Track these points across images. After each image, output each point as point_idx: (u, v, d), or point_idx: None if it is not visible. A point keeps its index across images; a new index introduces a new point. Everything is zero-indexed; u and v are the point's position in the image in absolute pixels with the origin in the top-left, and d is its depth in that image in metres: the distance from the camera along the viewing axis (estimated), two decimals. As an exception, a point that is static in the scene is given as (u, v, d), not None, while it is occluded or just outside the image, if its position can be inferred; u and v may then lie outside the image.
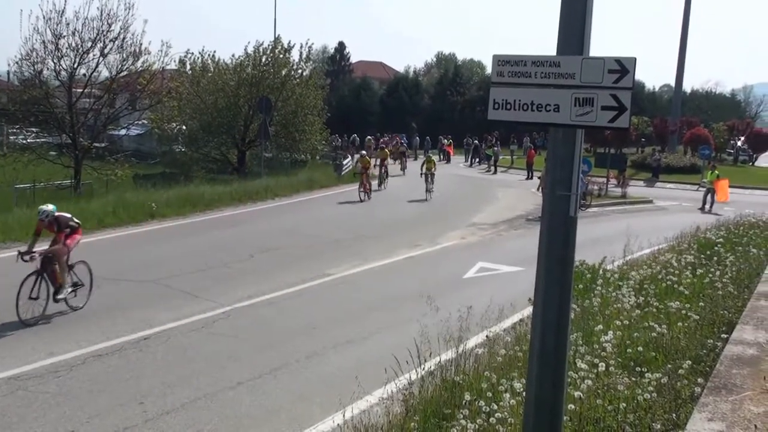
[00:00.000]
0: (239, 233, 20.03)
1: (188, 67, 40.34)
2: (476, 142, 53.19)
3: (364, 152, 36.37)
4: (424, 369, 7.78)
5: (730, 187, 32.45)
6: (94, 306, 12.03)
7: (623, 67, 4.80)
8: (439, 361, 8.09)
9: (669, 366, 7.34)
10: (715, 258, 12.97)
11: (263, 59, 39.73)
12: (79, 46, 29.00)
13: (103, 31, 29.02)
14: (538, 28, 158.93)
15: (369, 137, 56.39)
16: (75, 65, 29.48)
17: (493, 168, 46.42)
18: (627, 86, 4.80)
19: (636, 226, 18.86)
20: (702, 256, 13.30)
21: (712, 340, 8.23)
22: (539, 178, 32.00)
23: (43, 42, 28.68)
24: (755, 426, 5.42)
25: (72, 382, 8.80)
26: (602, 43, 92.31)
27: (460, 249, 19.16)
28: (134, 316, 11.54)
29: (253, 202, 26.21)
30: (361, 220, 23.18)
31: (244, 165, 39.57)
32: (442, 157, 54.28)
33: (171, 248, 17.47)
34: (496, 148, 47.61)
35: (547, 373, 5.14)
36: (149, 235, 19.15)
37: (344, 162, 39.56)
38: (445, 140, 55.11)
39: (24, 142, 32.45)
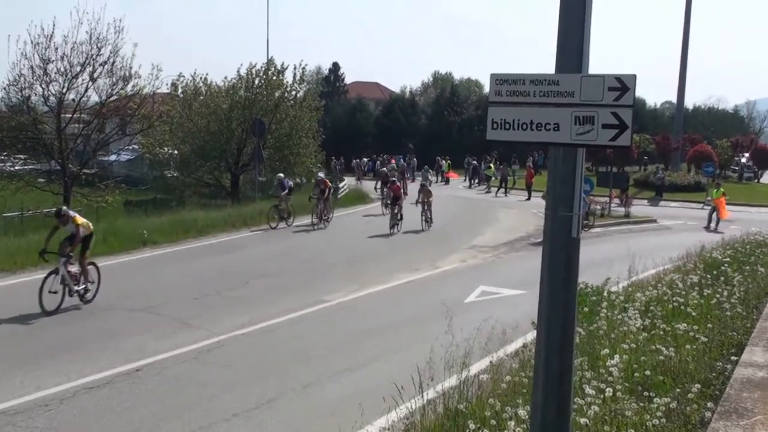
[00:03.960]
0: (233, 259, 20.00)
1: (180, 90, 40.47)
2: (474, 162, 53.28)
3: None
4: (425, 397, 7.74)
5: (735, 204, 32.51)
6: (84, 336, 11.98)
7: (623, 85, 4.82)
8: (442, 389, 8.04)
9: (678, 390, 7.31)
10: (722, 278, 12.95)
11: (256, 81, 39.88)
12: (68, 70, 29.06)
13: (92, 55, 29.09)
14: (537, 46, 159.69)
15: (364, 159, 56.57)
16: (64, 90, 29.52)
17: (500, 189, 45.52)
18: (628, 104, 4.82)
19: (640, 246, 18.87)
20: (708, 276, 13.29)
21: (721, 363, 8.20)
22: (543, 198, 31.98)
23: (31, 67, 28.74)
24: (768, 451, 5.39)
25: (62, 416, 8.73)
26: (602, 61, 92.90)
27: (460, 272, 19.13)
28: (125, 347, 11.48)
29: (248, 227, 26.19)
30: (357, 244, 23.16)
31: (237, 189, 39.60)
32: (439, 178, 54.42)
33: (163, 276, 17.43)
34: (501, 168, 47.06)
35: (552, 399, 5.11)
36: (141, 263, 19.10)
37: (340, 185, 39.58)
38: (444, 161, 55.21)
39: (12, 169, 32.41)
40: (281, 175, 28.83)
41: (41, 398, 9.24)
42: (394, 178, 30.99)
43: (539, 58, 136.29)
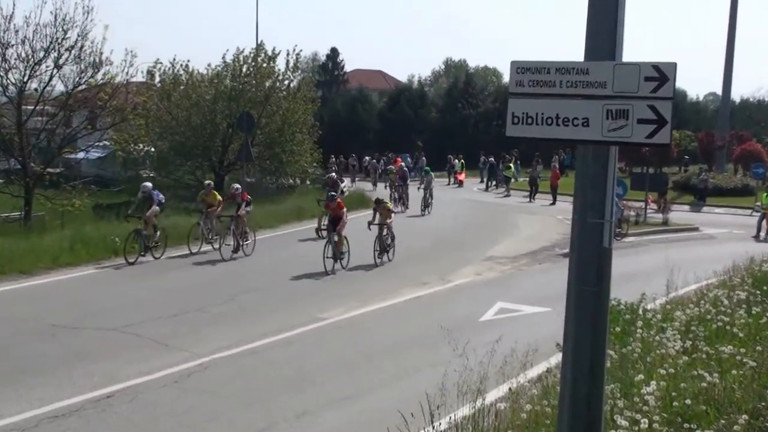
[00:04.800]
0: (218, 272, 20.00)
1: (157, 79, 40.49)
2: (491, 160, 53.04)
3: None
4: (436, 428, 7.74)
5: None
6: (49, 359, 12.00)
7: (662, 74, 4.84)
8: (454, 419, 8.04)
9: (722, 421, 7.31)
10: (773, 294, 12.95)
11: (244, 69, 39.88)
12: (30, 56, 29.02)
13: (57, 38, 29.05)
14: (563, 29, 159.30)
15: (366, 158, 56.59)
16: (25, 78, 29.48)
17: (532, 194, 44.67)
18: (667, 96, 4.84)
19: (680, 258, 18.85)
20: (758, 292, 13.28)
21: (772, 391, 8.20)
22: None
23: (-12, 52, 28.78)
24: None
25: (23, 449, 8.75)
26: (636, 47, 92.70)
27: (475, 287, 19.13)
28: (95, 371, 11.49)
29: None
30: (358, 254, 23.12)
31: (222, 192, 39.57)
32: (452, 180, 54.37)
33: (139, 290, 17.43)
34: (531, 170, 46.19)
35: (579, 431, 5.12)
36: (113, 276, 19.11)
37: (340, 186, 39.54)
38: (456, 160, 55.13)
39: (-35, 168, 32.45)
40: (148, 184, 22.50)
41: (0, 428, 9.26)
42: (333, 193, 23.39)
43: (566, 44, 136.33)
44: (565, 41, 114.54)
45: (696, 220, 36.33)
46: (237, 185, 24.70)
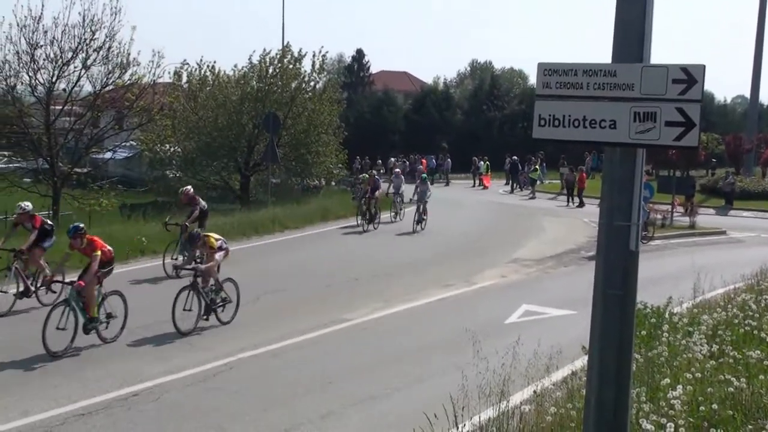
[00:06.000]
0: (242, 272, 20.02)
1: (184, 79, 40.70)
2: (514, 158, 52.71)
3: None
4: (461, 430, 7.74)
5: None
6: (74, 357, 12.09)
7: (690, 76, 4.81)
8: (479, 421, 8.03)
9: (749, 427, 7.26)
10: (802, 298, 12.84)
11: (270, 70, 40.03)
12: (59, 56, 29.36)
13: (85, 39, 29.38)
14: (591, 31, 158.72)
15: (391, 159, 56.61)
16: (53, 79, 29.83)
17: (569, 198, 43.15)
18: (695, 98, 4.81)
19: (707, 261, 18.73)
20: (786, 296, 13.19)
21: (800, 396, 8.13)
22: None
23: (17, 53, 29.08)
24: None
25: (50, 446, 8.82)
26: (663, 49, 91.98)
27: (500, 289, 19.08)
28: (122, 369, 11.57)
29: (259, 236, 26.26)
30: (382, 255, 23.15)
31: (248, 192, 39.76)
32: (477, 182, 54.27)
33: (163, 290, 17.50)
34: (567, 172, 44.68)
35: (605, 435, 5.10)
36: (138, 275, 19.22)
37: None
38: (482, 162, 54.97)
39: (-6, 167, 32.81)
40: None
41: (27, 425, 9.35)
42: (80, 224, 14.26)
43: (591, 46, 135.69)
44: (592, 41, 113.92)
45: (723, 223, 36.02)
46: (23, 204, 15.99)
